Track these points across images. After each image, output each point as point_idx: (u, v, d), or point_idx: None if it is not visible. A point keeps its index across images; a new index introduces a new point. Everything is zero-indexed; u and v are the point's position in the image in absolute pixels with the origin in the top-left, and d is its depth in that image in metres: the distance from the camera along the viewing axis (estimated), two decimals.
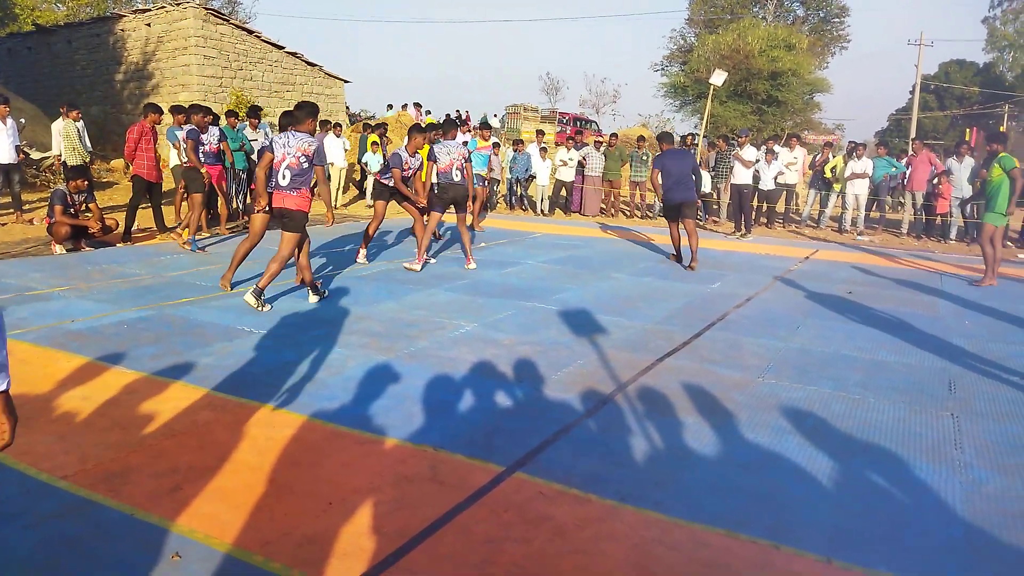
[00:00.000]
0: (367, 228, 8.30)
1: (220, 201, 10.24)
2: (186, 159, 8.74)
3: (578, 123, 31.85)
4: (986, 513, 2.83)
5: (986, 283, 8.10)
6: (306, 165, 5.89)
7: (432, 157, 7.76)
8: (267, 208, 5.96)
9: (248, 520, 2.61)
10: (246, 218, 11.49)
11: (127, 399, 3.74)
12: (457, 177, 7.66)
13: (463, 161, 7.73)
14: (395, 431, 3.45)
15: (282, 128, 7.58)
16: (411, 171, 7.84)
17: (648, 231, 12.97)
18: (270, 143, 5.97)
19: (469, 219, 8.43)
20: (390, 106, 26.96)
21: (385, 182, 8.13)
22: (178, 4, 17.92)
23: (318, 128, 8.75)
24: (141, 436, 3.31)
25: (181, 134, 10.10)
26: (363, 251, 8.39)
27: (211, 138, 9.11)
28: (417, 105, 26.29)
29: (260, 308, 5.72)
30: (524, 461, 3.17)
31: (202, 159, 8.82)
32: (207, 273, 7.29)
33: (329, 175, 11.02)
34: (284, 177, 5.86)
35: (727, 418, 3.77)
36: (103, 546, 2.42)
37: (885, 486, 3.04)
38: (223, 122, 10.62)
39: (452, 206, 7.93)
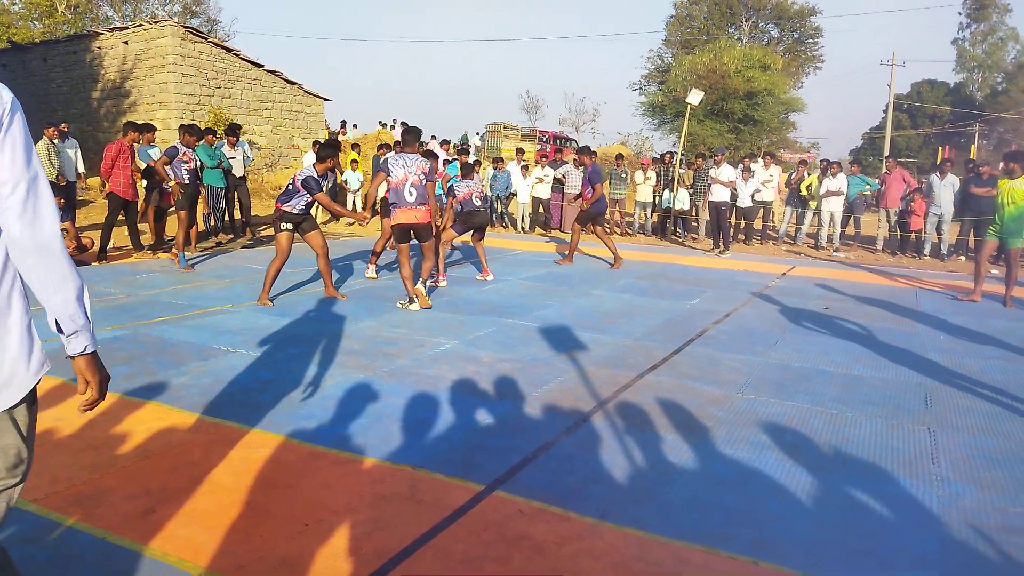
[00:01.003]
0: (375, 244, 8.68)
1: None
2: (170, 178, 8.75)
3: (558, 141, 32.09)
4: (962, 526, 2.85)
5: (971, 298, 8.18)
6: (425, 182, 6.62)
7: (383, 169, 6.85)
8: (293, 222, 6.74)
9: (222, 543, 2.56)
10: (222, 236, 11.40)
11: (100, 420, 3.67)
12: (411, 197, 6.63)
13: (420, 177, 6.67)
14: (373, 450, 3.42)
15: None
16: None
17: (628, 248, 13.04)
18: (385, 164, 6.64)
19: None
20: (383, 123, 27.01)
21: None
22: (156, 22, 17.86)
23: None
24: (114, 457, 3.25)
25: (153, 152, 10.05)
26: (371, 266, 8.65)
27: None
28: (404, 125, 26.36)
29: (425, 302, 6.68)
30: (504, 479, 3.15)
31: (186, 177, 8.78)
32: (182, 292, 7.21)
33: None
34: (411, 194, 6.58)
35: (706, 434, 3.77)
36: (74, 571, 2.36)
37: (863, 500, 3.06)
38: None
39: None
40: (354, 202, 15.71)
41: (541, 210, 15.66)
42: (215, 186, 10.88)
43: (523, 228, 15.25)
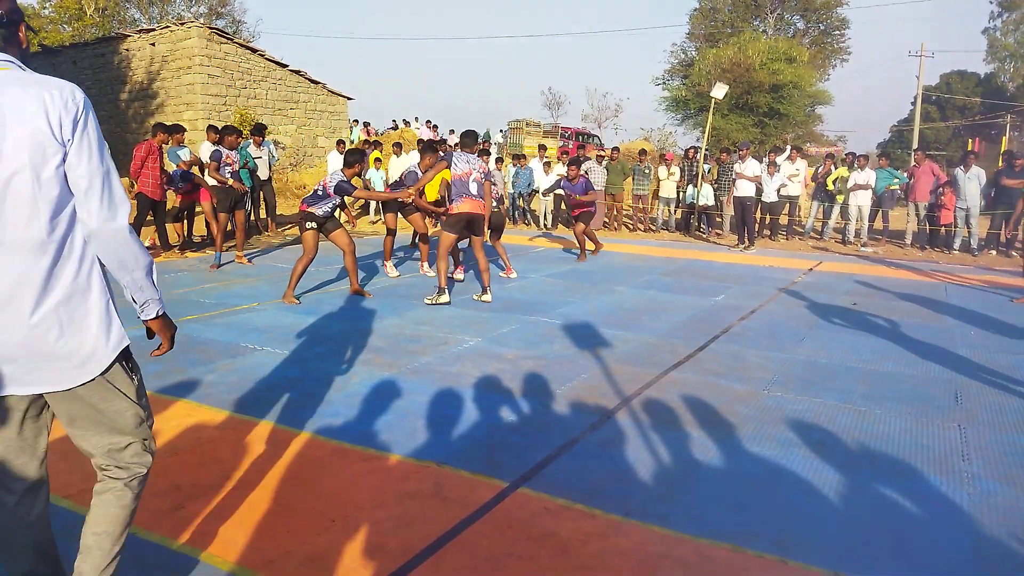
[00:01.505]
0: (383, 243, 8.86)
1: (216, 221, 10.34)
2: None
3: (580, 137, 31.96)
4: (995, 525, 2.80)
5: None
6: (483, 180, 7.06)
7: (446, 160, 7.10)
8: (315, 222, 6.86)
9: (251, 539, 2.60)
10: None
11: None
12: (474, 189, 6.93)
13: (481, 175, 7.02)
14: (399, 447, 3.44)
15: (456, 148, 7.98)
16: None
17: (652, 244, 12.97)
18: (450, 159, 7.01)
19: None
20: (397, 122, 27.13)
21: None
22: (182, 24, 18.09)
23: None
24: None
25: (183, 153, 10.18)
26: (388, 263, 8.79)
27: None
28: (428, 123, 26.45)
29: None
30: (528, 476, 3.16)
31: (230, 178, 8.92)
32: (210, 291, 7.31)
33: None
34: (474, 188, 6.98)
35: (732, 431, 3.75)
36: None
37: (892, 499, 3.02)
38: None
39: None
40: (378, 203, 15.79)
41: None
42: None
43: (546, 225, 15.23)
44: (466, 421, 3.83)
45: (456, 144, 12.27)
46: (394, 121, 28.94)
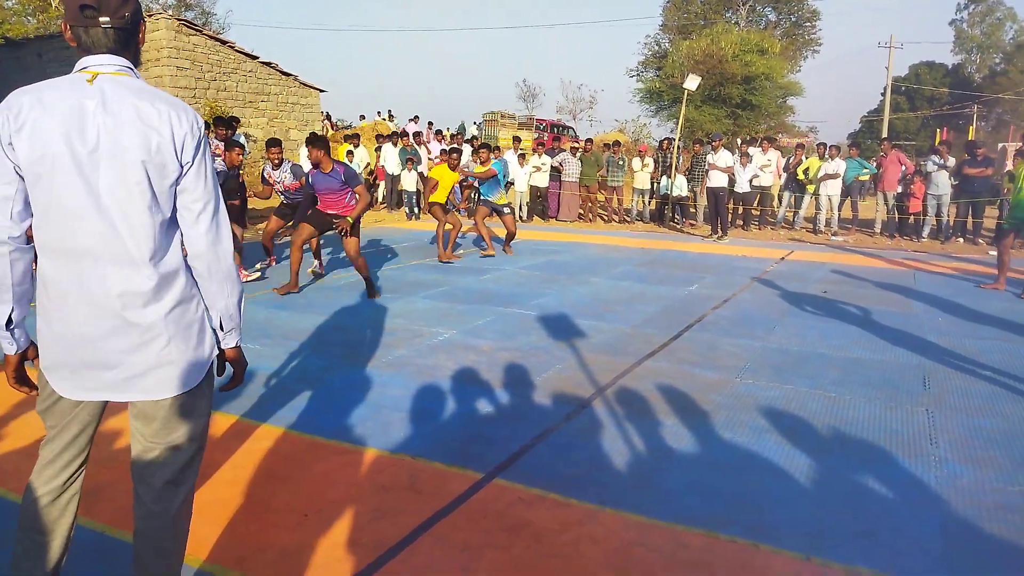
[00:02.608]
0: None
1: None
2: None
3: (555, 129, 31.97)
4: (961, 506, 2.86)
5: (994, 287, 7.77)
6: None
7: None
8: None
9: (223, 536, 2.57)
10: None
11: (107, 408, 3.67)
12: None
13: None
14: (373, 441, 3.42)
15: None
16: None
17: (626, 235, 13.03)
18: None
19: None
20: (362, 116, 26.91)
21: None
22: (150, 15, 17.76)
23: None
24: (113, 451, 3.25)
25: None
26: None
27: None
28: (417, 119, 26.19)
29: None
30: (504, 467, 3.16)
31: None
32: None
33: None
34: None
35: (706, 419, 3.78)
36: (74, 565, 2.36)
37: (862, 482, 3.07)
38: None
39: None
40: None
41: (539, 198, 15.65)
42: None
43: (521, 217, 15.22)
44: (441, 413, 3.82)
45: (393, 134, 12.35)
46: (361, 116, 28.72)
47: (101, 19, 1.67)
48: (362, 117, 28.58)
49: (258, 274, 7.81)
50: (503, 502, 2.84)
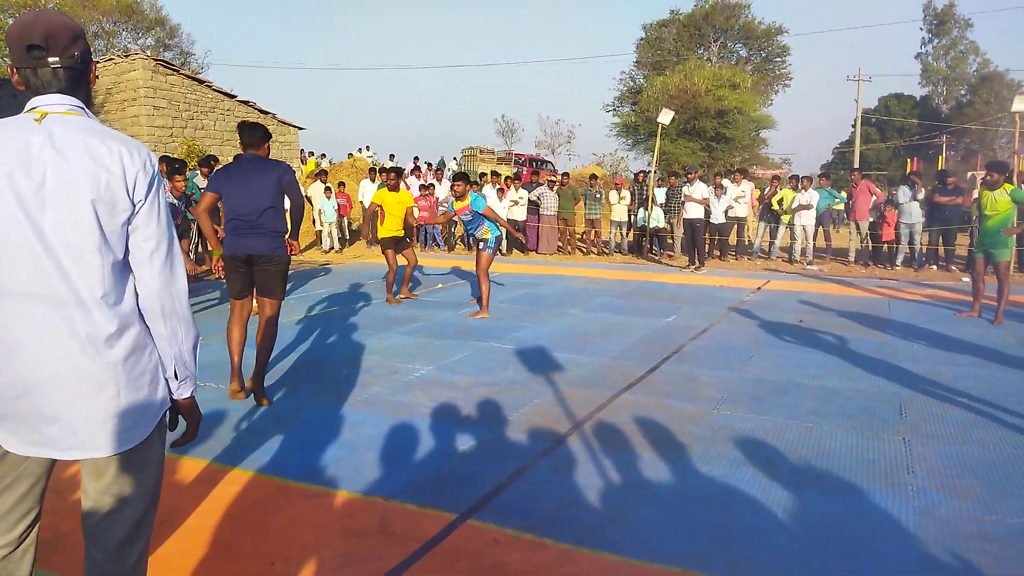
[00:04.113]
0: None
1: None
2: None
3: (534, 164, 32.26)
4: (940, 537, 2.84)
5: (970, 314, 7.83)
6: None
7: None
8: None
9: None
10: (196, 268, 11.24)
11: (58, 462, 3.56)
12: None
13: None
14: (345, 483, 3.35)
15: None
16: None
17: (604, 267, 13.08)
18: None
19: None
20: (350, 154, 27.01)
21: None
22: (127, 56, 17.80)
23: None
24: (73, 501, 3.15)
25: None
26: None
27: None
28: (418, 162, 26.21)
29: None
30: (478, 507, 3.09)
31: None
32: None
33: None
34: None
35: (683, 452, 3.74)
36: None
37: (840, 514, 3.04)
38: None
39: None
40: (330, 232, 15.66)
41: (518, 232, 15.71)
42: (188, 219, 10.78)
43: (500, 251, 15.24)
44: (416, 452, 3.76)
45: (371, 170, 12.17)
46: (349, 154, 28.86)
47: (50, 59, 1.63)
48: (349, 155, 28.63)
49: None
50: (478, 543, 2.78)
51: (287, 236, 4.71)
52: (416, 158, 24.80)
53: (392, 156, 26.69)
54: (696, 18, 41.40)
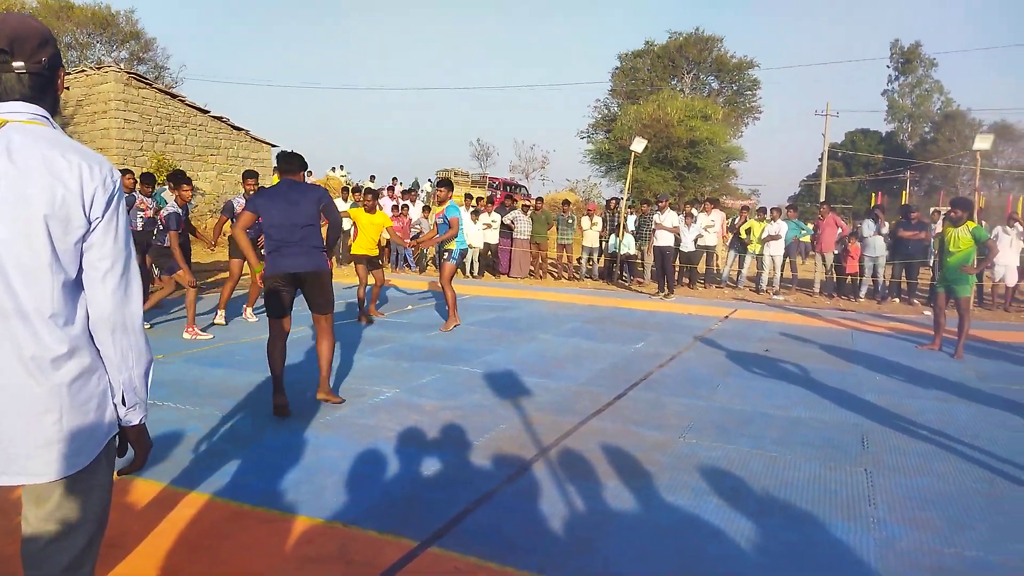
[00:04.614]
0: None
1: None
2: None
3: (508, 188, 32.44)
4: (900, 569, 2.85)
5: (930, 347, 7.97)
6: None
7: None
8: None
9: None
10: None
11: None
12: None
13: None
14: (304, 507, 3.27)
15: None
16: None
17: (575, 292, 13.12)
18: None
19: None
20: (333, 167, 26.94)
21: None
22: (99, 68, 17.58)
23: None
24: (18, 523, 3.02)
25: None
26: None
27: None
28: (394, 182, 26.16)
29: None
30: (441, 533, 3.04)
31: (140, 225, 8.43)
32: None
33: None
34: None
35: (649, 480, 3.73)
36: None
37: (802, 545, 3.04)
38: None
39: None
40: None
41: (489, 255, 15.73)
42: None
43: (472, 273, 15.24)
44: (379, 477, 3.69)
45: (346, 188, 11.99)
46: (333, 167, 28.75)
47: (15, 64, 1.57)
48: (333, 169, 28.47)
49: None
50: (438, 571, 2.72)
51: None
52: (395, 178, 24.79)
53: (372, 177, 26.65)
54: (670, 49, 42.24)
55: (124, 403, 1.68)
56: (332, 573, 2.68)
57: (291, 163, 4.93)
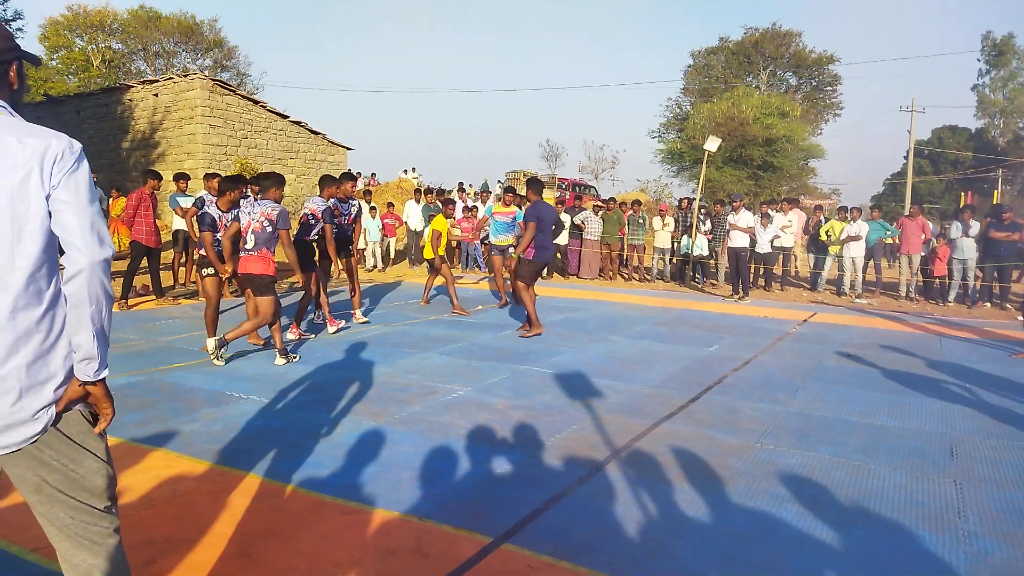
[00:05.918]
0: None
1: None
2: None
3: (577, 188, 32.30)
4: None
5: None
6: (269, 229, 6.16)
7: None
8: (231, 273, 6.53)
9: None
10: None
11: None
12: (250, 243, 6.18)
13: (265, 224, 6.15)
14: (381, 500, 3.35)
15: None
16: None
17: (646, 294, 12.98)
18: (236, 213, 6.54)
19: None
20: (405, 171, 27.46)
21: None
22: (186, 76, 18.44)
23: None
24: (119, 506, 3.21)
25: (184, 201, 10.25)
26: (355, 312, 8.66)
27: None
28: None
29: (217, 360, 6.04)
30: (513, 532, 3.07)
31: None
32: (200, 338, 7.24)
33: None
34: (247, 241, 6.19)
35: (723, 485, 3.66)
36: None
37: (887, 557, 2.93)
38: (174, 188, 10.46)
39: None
40: (374, 251, 15.87)
41: (559, 256, 15.70)
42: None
43: (542, 275, 15.26)
44: (452, 473, 3.75)
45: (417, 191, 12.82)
46: (404, 171, 29.27)
47: None
48: (405, 172, 28.96)
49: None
50: (512, 568, 2.75)
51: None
52: (460, 183, 25.04)
53: (461, 184, 26.96)
54: (746, 46, 41.25)
55: (90, 358, 1.68)
56: (409, 565, 2.74)
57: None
